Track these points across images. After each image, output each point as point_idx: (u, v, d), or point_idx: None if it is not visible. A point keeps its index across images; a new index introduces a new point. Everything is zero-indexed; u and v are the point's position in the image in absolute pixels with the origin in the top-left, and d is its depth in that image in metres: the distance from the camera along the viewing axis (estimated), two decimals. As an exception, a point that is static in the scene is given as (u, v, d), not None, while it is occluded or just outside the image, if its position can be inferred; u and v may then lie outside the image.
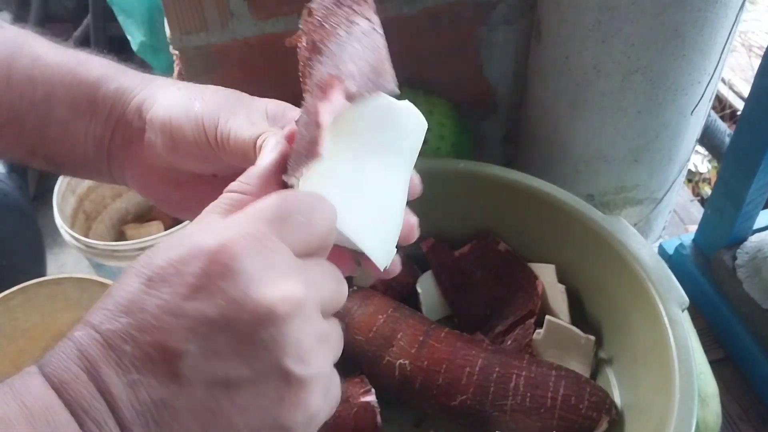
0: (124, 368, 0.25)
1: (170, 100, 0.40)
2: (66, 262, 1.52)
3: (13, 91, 0.38)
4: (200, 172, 0.40)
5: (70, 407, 0.24)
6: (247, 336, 0.26)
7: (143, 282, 0.26)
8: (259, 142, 0.35)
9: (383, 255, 0.37)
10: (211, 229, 0.28)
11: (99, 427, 0.25)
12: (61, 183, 1.27)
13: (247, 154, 0.36)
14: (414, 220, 0.39)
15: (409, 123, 0.39)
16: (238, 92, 0.41)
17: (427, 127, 0.40)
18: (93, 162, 0.41)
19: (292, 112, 0.41)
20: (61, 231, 1.21)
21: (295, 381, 0.27)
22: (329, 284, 0.31)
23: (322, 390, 0.29)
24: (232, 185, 0.32)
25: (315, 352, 0.28)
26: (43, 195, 1.58)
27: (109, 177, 0.42)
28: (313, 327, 0.28)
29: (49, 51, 0.40)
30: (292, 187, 0.32)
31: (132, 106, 0.40)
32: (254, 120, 0.38)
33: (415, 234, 0.39)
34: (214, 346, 0.26)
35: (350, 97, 0.34)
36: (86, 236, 1.26)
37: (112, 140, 0.40)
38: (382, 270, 0.37)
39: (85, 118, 0.40)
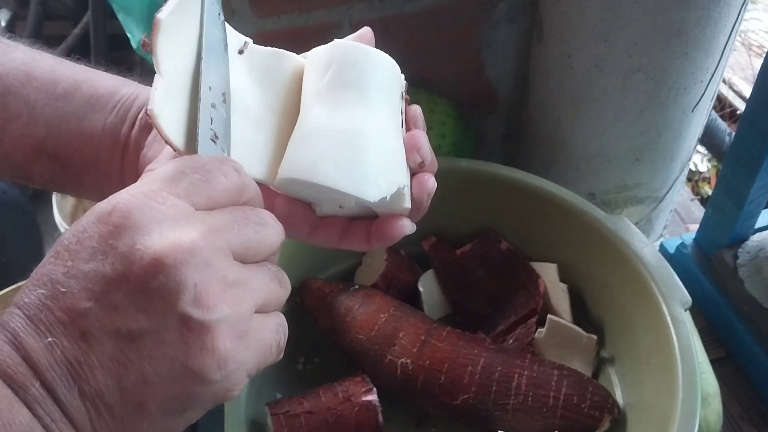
0: (40, 334, 0.27)
1: None
2: (65, 260, 1.52)
3: (33, 84, 0.39)
4: None
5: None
6: (140, 287, 0.27)
7: (53, 255, 0.28)
8: None
9: (371, 189, 0.35)
10: (110, 197, 0.30)
11: (25, 390, 0.26)
12: (61, 181, 1.27)
13: None
14: (427, 176, 0.39)
15: (369, 61, 0.38)
16: None
17: (395, 66, 0.39)
18: (104, 157, 0.40)
19: None
20: (61, 229, 1.20)
21: (197, 325, 0.28)
22: (244, 229, 0.31)
23: (233, 333, 0.29)
24: (150, 165, 0.34)
25: (218, 295, 0.28)
26: (42, 193, 1.58)
27: (118, 178, 0.41)
28: (214, 271, 0.28)
29: (65, 61, 0.41)
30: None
31: (144, 100, 0.41)
32: None
33: (429, 186, 0.39)
34: (113, 301, 0.27)
35: None
36: (86, 234, 1.26)
37: (132, 130, 0.40)
38: (373, 201, 0.36)
39: (105, 110, 0.40)
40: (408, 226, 0.38)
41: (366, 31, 0.40)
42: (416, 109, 0.40)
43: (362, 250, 0.44)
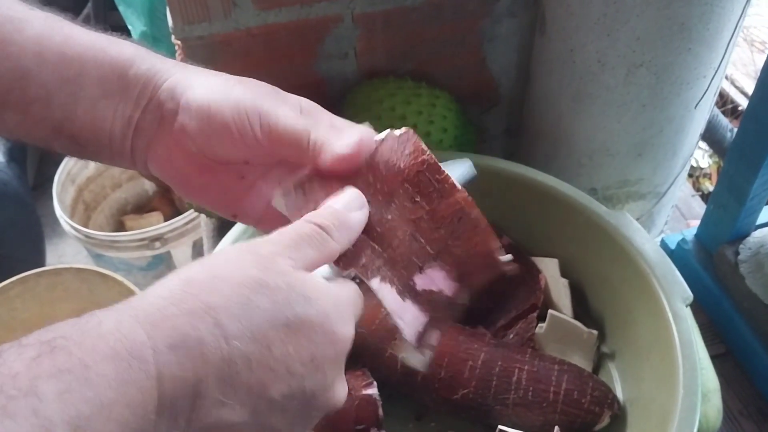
0: (227, 389, 0.30)
1: (208, 85, 0.40)
2: (65, 252, 1.52)
3: (46, 67, 0.38)
4: (231, 159, 0.41)
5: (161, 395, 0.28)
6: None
7: (282, 323, 0.31)
8: (312, 137, 0.40)
9: None
10: (338, 313, 0.34)
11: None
12: (61, 173, 1.27)
13: (298, 144, 0.39)
14: None
15: None
16: (272, 86, 0.43)
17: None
18: (117, 142, 0.41)
19: (322, 112, 0.43)
20: (61, 221, 1.20)
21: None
22: None
23: None
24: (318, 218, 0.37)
25: None
26: (42, 185, 1.58)
27: (130, 159, 0.42)
28: None
29: (80, 32, 0.41)
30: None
31: (165, 87, 0.41)
32: (297, 113, 0.41)
33: None
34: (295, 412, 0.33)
35: None
36: (86, 226, 1.26)
37: (141, 119, 0.41)
38: None
39: (115, 97, 0.40)
40: None
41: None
42: None
43: None
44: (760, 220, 0.79)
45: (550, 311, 0.66)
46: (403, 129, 0.42)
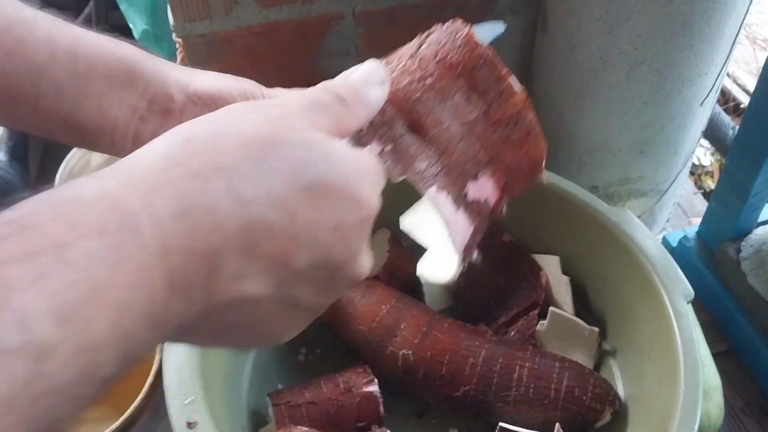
0: (248, 260, 0.27)
1: (214, 78, 0.43)
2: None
3: (57, 64, 0.40)
4: None
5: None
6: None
7: (304, 186, 0.28)
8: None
9: None
10: (362, 176, 0.30)
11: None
12: (63, 171, 1.27)
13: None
14: None
15: None
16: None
17: None
18: (120, 129, 0.42)
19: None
20: (63, 219, 1.20)
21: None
22: None
23: None
24: (329, 97, 0.33)
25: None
26: (44, 183, 1.58)
27: (129, 146, 0.43)
28: None
29: (86, 32, 0.43)
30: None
31: (172, 81, 0.43)
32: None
33: None
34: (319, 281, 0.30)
35: None
36: (88, 225, 1.26)
37: (147, 110, 0.42)
38: None
39: (121, 89, 0.42)
40: None
41: None
42: None
43: None
44: (762, 217, 0.79)
45: (551, 308, 0.66)
46: (450, 21, 0.38)
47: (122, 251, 0.23)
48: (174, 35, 0.74)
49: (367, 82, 0.35)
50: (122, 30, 1.37)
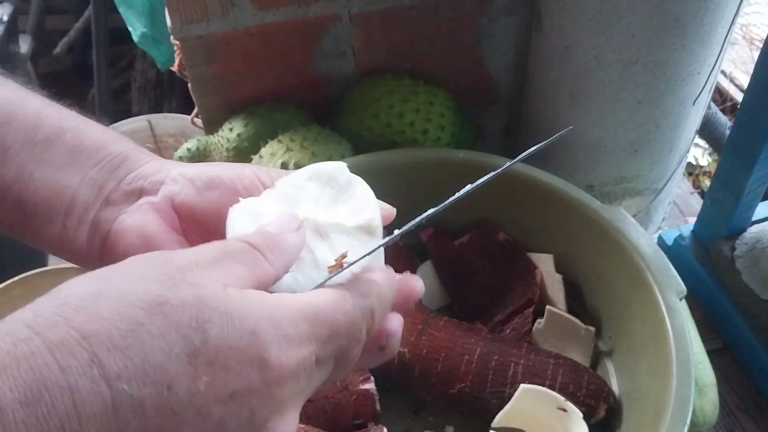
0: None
1: (201, 164, 0.40)
2: (67, 253, 1.52)
3: (14, 125, 0.36)
4: (214, 234, 0.37)
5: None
6: None
7: (186, 353, 0.24)
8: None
9: None
10: (274, 331, 0.26)
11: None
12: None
13: None
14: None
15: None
16: None
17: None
18: (77, 210, 0.37)
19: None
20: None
21: None
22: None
23: None
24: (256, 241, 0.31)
25: None
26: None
27: (84, 233, 0.37)
28: None
29: (61, 107, 0.39)
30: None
31: (150, 165, 0.39)
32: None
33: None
34: None
35: None
36: (87, 227, 1.26)
37: (115, 191, 0.38)
38: None
39: (88, 165, 0.37)
40: None
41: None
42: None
43: None
44: (756, 215, 0.80)
45: (548, 307, 0.67)
46: None
47: None
48: (172, 37, 0.75)
49: (283, 229, 0.32)
50: (121, 33, 1.38)
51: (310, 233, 0.33)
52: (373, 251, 0.33)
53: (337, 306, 0.29)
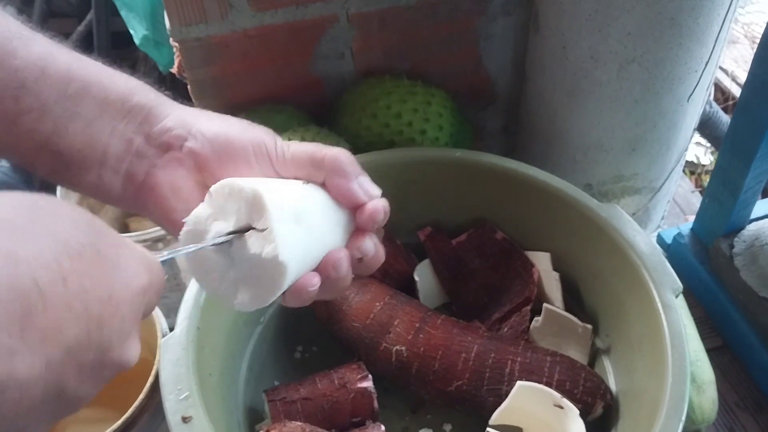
0: (18, 331, 0.24)
1: (223, 121, 0.42)
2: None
3: (45, 81, 0.38)
4: None
5: None
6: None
7: (78, 252, 0.26)
8: (325, 152, 0.41)
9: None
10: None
11: None
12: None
13: (313, 158, 0.41)
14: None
15: None
16: None
17: None
18: (110, 162, 0.40)
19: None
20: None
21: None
22: None
23: None
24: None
25: None
26: (48, 189, 1.59)
27: (119, 184, 0.41)
28: None
29: (87, 58, 0.41)
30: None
31: (172, 117, 0.41)
32: None
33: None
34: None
35: None
36: (90, 229, 1.27)
37: (143, 145, 0.40)
38: None
39: (116, 117, 0.40)
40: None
41: None
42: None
43: None
44: (755, 213, 0.80)
45: (545, 305, 0.67)
46: None
47: None
48: (171, 39, 0.76)
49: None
50: (123, 36, 1.39)
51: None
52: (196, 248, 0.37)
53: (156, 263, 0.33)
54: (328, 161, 0.41)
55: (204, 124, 0.41)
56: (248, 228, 0.37)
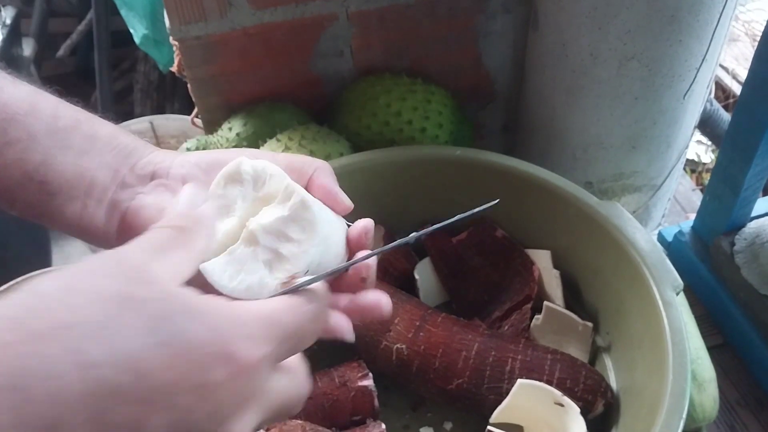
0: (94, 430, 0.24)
1: (206, 151, 0.43)
2: (71, 254, 1.53)
3: (36, 116, 0.39)
4: None
5: None
6: None
7: (157, 343, 0.25)
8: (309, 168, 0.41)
9: None
10: (237, 329, 0.28)
11: None
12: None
13: (300, 171, 0.40)
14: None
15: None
16: None
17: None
18: (96, 190, 0.40)
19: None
20: (66, 223, 1.22)
21: None
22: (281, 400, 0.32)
23: None
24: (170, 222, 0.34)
25: None
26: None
27: (105, 212, 0.40)
28: None
29: (65, 101, 0.42)
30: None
31: (157, 153, 0.42)
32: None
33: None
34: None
35: None
36: (91, 228, 1.27)
37: (131, 174, 0.41)
38: None
39: (104, 151, 0.41)
40: None
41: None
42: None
43: None
44: (756, 211, 0.80)
45: (545, 303, 0.67)
46: None
47: None
48: (170, 38, 0.76)
49: (193, 205, 0.36)
50: (123, 35, 1.39)
51: (252, 242, 0.35)
52: (324, 276, 0.35)
53: (289, 310, 0.31)
54: (309, 164, 0.41)
55: (188, 156, 0.42)
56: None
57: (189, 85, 0.81)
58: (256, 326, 0.29)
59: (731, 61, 1.73)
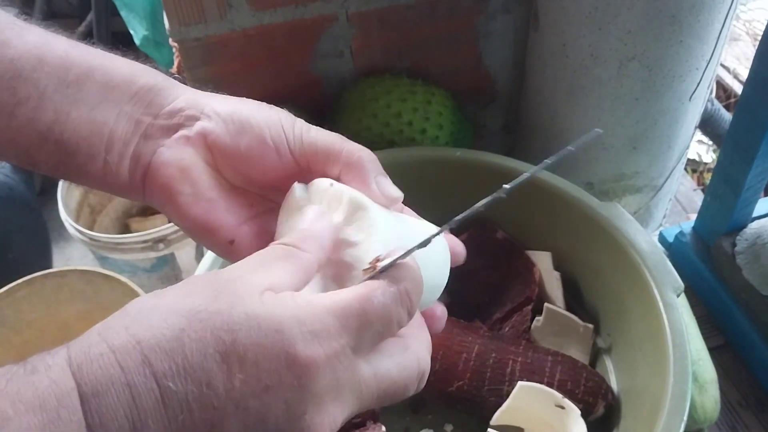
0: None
1: (235, 101, 0.40)
2: (72, 256, 1.54)
3: (43, 69, 0.37)
4: (253, 174, 0.40)
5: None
6: None
7: (220, 352, 0.27)
8: (344, 145, 0.39)
9: None
10: (298, 328, 0.28)
11: None
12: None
13: (330, 151, 0.39)
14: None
15: None
16: None
17: None
18: (117, 146, 0.38)
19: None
20: (66, 224, 1.22)
21: None
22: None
23: None
24: (295, 241, 0.33)
25: None
26: (48, 189, 1.59)
27: (126, 168, 0.39)
28: None
29: (85, 44, 0.40)
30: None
31: (183, 98, 0.39)
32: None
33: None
34: None
35: None
36: (91, 229, 1.27)
37: (152, 125, 0.39)
38: None
39: (121, 101, 0.38)
40: None
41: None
42: None
43: None
44: (757, 211, 0.79)
45: (546, 305, 0.67)
46: None
47: (57, 427, 0.24)
48: (170, 39, 0.75)
49: (310, 222, 0.35)
50: (123, 36, 1.39)
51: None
52: (405, 254, 0.33)
53: (364, 297, 0.30)
54: (346, 156, 0.39)
55: (219, 104, 0.39)
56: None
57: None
58: (320, 322, 0.29)
59: (732, 61, 1.73)
